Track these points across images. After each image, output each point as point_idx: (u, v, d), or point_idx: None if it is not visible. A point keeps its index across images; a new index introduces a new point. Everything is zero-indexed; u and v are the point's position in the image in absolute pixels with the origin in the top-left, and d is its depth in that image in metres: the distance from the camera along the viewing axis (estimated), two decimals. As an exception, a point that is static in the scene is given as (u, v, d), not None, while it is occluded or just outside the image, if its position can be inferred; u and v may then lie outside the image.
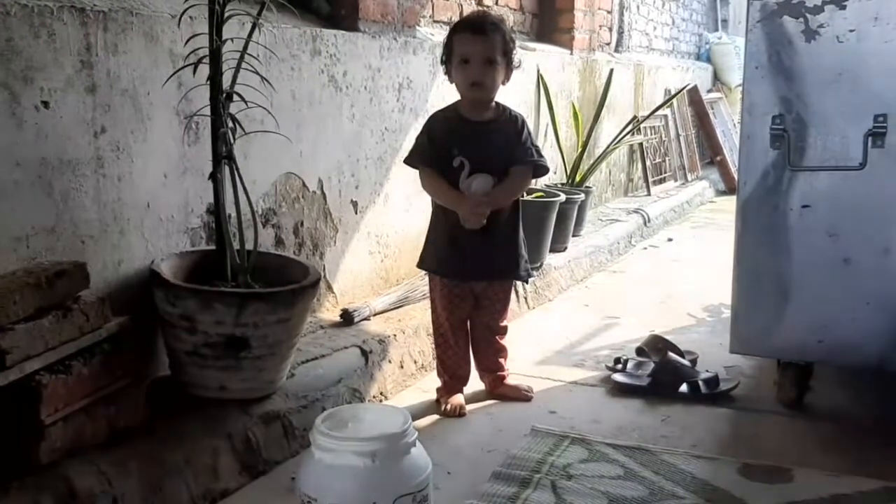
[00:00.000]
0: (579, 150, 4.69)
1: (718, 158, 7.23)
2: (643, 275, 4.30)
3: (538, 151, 2.46)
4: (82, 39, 1.95)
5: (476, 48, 2.30)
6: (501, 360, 2.60)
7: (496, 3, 4.39)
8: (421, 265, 2.57)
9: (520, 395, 2.57)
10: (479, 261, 2.43)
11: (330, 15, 2.95)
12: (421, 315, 2.85)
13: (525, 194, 3.76)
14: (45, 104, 1.88)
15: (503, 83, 2.39)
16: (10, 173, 1.81)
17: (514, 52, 2.39)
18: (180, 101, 2.17)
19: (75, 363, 1.78)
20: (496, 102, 2.44)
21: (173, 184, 2.22)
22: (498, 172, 2.39)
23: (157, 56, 2.13)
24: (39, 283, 1.75)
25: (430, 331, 2.87)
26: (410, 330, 2.79)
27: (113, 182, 2.05)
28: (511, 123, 2.44)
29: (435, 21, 3.82)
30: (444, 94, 3.41)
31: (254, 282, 2.15)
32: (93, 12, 1.97)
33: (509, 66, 2.38)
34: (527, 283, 2.64)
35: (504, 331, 2.59)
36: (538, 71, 4.46)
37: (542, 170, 2.51)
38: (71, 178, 1.94)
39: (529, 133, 2.46)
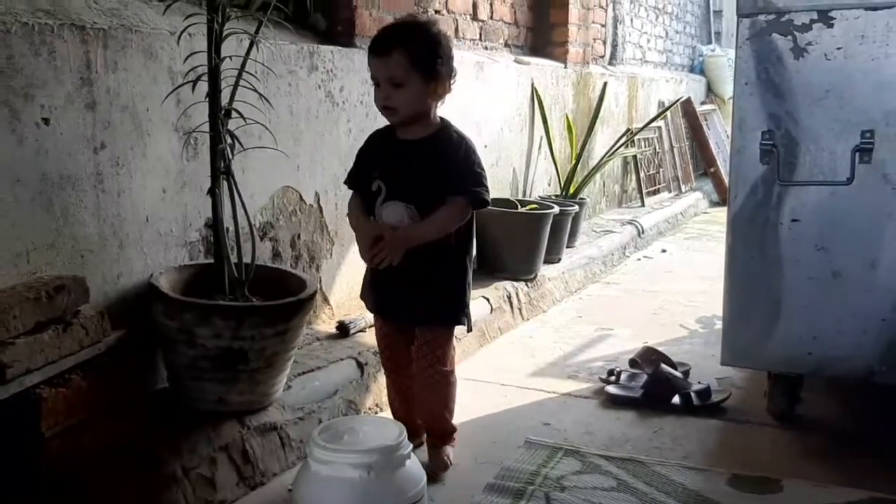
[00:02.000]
0: (573, 162, 4.73)
1: (712, 170, 7.28)
2: (637, 286, 4.34)
3: (478, 180, 2.06)
4: (82, 56, 1.98)
5: (379, 69, 2.02)
6: (438, 415, 2.18)
7: (490, 18, 4.44)
8: (361, 295, 2.30)
9: (432, 467, 2.15)
10: (398, 299, 2.13)
11: (327, 31, 2.99)
12: (416, 327, 2.87)
13: (522, 211, 3.82)
14: (46, 121, 1.91)
15: (433, 98, 2.06)
16: (10, 189, 1.84)
17: (441, 59, 2.02)
18: (179, 117, 2.20)
19: (75, 376, 1.80)
20: (441, 119, 2.13)
21: (172, 198, 2.25)
22: (420, 200, 2.04)
23: (157, 73, 2.16)
24: (39, 298, 1.78)
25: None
26: (406, 342, 2.81)
27: (112, 197, 2.08)
28: (449, 145, 2.07)
29: (430, 35, 3.85)
30: (440, 108, 3.45)
31: (251, 295, 2.17)
32: (93, 30, 2.00)
33: (435, 78, 2.02)
34: (469, 330, 2.25)
35: (445, 380, 2.16)
36: (532, 84, 4.50)
37: (480, 203, 2.07)
38: (71, 194, 1.97)
39: (473, 159, 2.08)
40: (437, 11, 3.91)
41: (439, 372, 2.13)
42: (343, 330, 2.75)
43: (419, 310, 2.12)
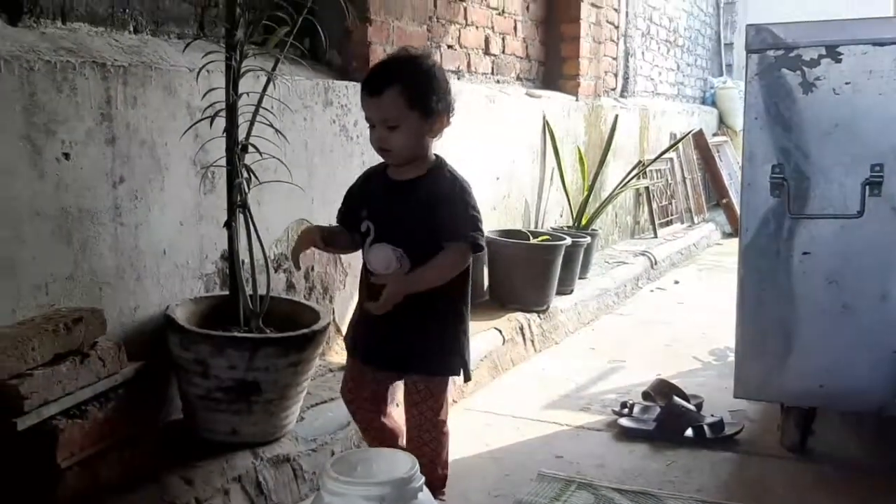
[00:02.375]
0: (585, 193, 4.75)
1: (725, 201, 7.29)
2: (650, 317, 4.33)
3: (475, 224, 1.93)
4: (103, 93, 2.02)
5: (372, 111, 1.91)
6: (428, 465, 1.98)
7: (502, 52, 4.49)
8: (345, 336, 2.19)
9: None
10: (390, 347, 1.99)
11: (342, 67, 3.04)
12: (429, 359, 2.88)
13: (543, 246, 3.83)
14: (66, 156, 1.95)
15: (431, 135, 1.95)
16: (30, 223, 1.87)
17: (437, 95, 1.91)
18: (197, 152, 2.24)
19: (91, 408, 1.82)
20: (436, 157, 2.01)
21: (189, 231, 2.28)
22: (410, 243, 1.93)
23: (175, 109, 2.21)
24: (57, 330, 1.80)
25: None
26: (418, 373, 2.82)
27: (130, 230, 2.11)
28: (443, 186, 1.95)
29: (443, 70, 3.90)
30: (451, 141, 3.48)
31: (266, 326, 2.20)
32: (113, 67, 2.05)
33: (432, 115, 1.91)
34: (467, 379, 2.10)
35: (437, 430, 2.04)
36: (544, 117, 4.54)
37: (477, 248, 1.94)
38: (90, 227, 2.01)
39: (468, 201, 1.95)
40: (449, 46, 3.97)
41: (431, 421, 2.02)
42: (356, 361, 2.76)
43: (413, 358, 1.99)
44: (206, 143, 2.20)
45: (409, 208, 1.95)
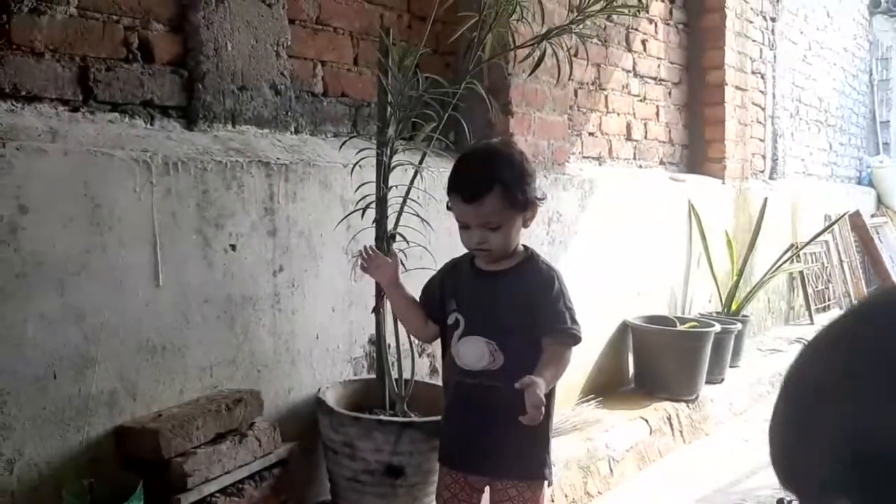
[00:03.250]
0: (734, 278, 4.61)
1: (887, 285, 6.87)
2: (807, 409, 4.10)
3: (573, 316, 1.87)
4: (267, 189, 2.19)
5: (471, 216, 1.85)
6: None
7: (644, 137, 4.50)
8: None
9: None
10: (477, 448, 1.90)
11: (484, 157, 3.13)
12: (573, 447, 2.84)
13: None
14: (233, 247, 2.10)
15: (525, 225, 1.91)
16: (199, 309, 2.02)
17: (530, 185, 1.87)
18: (350, 241, 2.36)
19: (247, 486, 1.92)
20: (524, 247, 1.96)
21: (340, 317, 2.39)
22: (503, 336, 1.86)
23: (330, 202, 2.35)
24: (220, 410, 1.92)
25: (582, 464, 2.86)
26: (560, 462, 2.78)
27: (287, 316, 2.24)
28: (538, 277, 1.90)
29: (584, 157, 3.95)
30: (594, 227, 3.50)
31: (410, 411, 2.25)
32: (276, 165, 2.21)
33: (525, 209, 1.87)
34: (550, 484, 1.97)
35: None
36: (689, 200, 4.48)
37: (578, 342, 1.88)
38: (251, 313, 2.14)
39: (566, 293, 1.89)
40: (590, 134, 4.02)
41: None
42: (499, 448, 2.75)
43: (503, 462, 1.88)
44: (357, 233, 2.32)
45: (502, 299, 1.89)
